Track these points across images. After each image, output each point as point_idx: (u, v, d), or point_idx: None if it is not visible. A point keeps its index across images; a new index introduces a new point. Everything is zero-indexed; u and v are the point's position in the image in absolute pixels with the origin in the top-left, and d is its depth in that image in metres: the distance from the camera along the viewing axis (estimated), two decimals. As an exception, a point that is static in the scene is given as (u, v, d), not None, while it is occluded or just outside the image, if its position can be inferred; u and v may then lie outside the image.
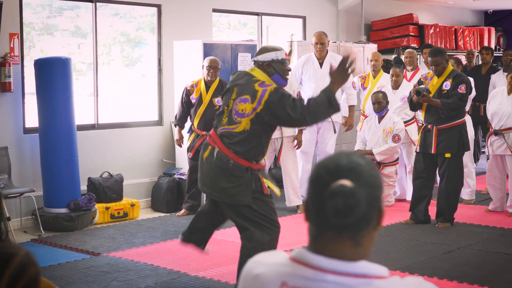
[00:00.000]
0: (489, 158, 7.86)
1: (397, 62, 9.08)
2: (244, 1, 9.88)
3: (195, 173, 6.45)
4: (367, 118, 8.39)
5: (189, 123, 7.82)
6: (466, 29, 13.33)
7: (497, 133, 7.60)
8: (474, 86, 8.70)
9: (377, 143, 8.14)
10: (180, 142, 7.87)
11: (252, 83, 4.62)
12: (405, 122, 8.29)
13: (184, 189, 7.98)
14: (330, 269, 1.52)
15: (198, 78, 7.75)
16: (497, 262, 5.90)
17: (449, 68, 7.08)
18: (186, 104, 7.75)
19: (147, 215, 7.93)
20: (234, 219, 4.80)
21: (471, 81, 8.13)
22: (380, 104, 8.04)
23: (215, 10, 9.53)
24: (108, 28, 8.72)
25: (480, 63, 10.90)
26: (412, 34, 11.90)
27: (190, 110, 7.75)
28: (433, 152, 7.05)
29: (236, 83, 4.70)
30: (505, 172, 7.82)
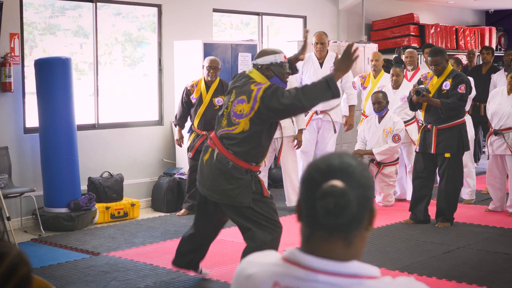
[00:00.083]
0: (489, 158, 7.86)
1: (398, 62, 9.08)
2: (245, 1, 9.88)
3: (195, 173, 6.46)
4: (367, 118, 8.39)
5: (189, 123, 7.83)
6: (467, 29, 13.31)
7: (497, 133, 7.59)
8: (475, 86, 8.70)
9: (377, 143, 8.13)
10: (180, 142, 7.87)
11: (249, 84, 4.66)
12: (406, 122, 8.29)
13: (184, 189, 7.98)
14: (322, 269, 1.52)
15: (198, 78, 7.75)
16: (497, 262, 5.89)
17: (449, 68, 7.08)
18: (186, 104, 7.75)
19: (147, 215, 7.94)
20: (236, 220, 4.81)
21: (471, 81, 8.14)
22: (380, 104, 8.04)
23: (216, 10, 9.53)
24: (111, 28, 8.72)
25: (481, 63, 10.90)
26: (413, 34, 11.89)
27: (190, 110, 7.75)
28: (433, 152, 7.05)
29: (235, 86, 4.75)
30: (505, 172, 7.81)
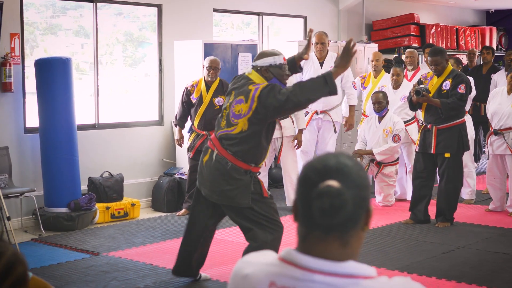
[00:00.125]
0: (489, 158, 7.85)
1: (398, 62, 9.08)
2: (245, 1, 9.88)
3: (196, 173, 6.46)
4: (367, 118, 8.39)
5: (190, 123, 7.83)
6: (468, 29, 13.31)
7: (497, 133, 7.59)
8: (475, 86, 8.70)
9: (377, 143, 8.13)
10: (181, 142, 7.88)
11: (247, 85, 4.69)
12: (406, 122, 8.29)
13: (185, 189, 7.99)
14: (318, 269, 1.53)
15: (199, 78, 7.75)
16: (496, 262, 5.89)
17: (449, 68, 7.08)
18: (187, 104, 7.75)
19: (148, 215, 7.94)
20: (236, 221, 4.83)
21: (471, 81, 8.14)
22: (380, 104, 8.04)
23: (216, 10, 9.53)
24: (112, 28, 8.72)
25: (481, 63, 10.89)
26: (413, 34, 11.89)
27: (191, 110, 7.75)
28: (433, 152, 7.05)
29: (234, 87, 4.79)
30: (505, 172, 7.81)
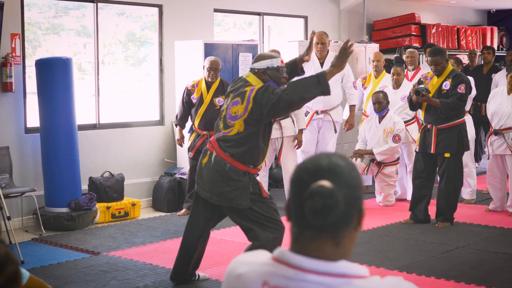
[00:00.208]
0: (489, 158, 7.85)
1: (398, 61, 9.08)
2: (245, 1, 9.88)
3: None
4: (368, 118, 8.39)
5: (190, 123, 7.84)
6: (469, 29, 13.30)
7: (497, 133, 7.59)
8: (476, 86, 8.70)
9: (378, 143, 8.14)
10: (181, 142, 7.89)
11: (244, 87, 4.74)
12: (406, 122, 8.30)
13: (185, 189, 8.00)
14: (311, 269, 1.53)
15: (199, 78, 7.76)
16: (496, 262, 5.89)
17: (449, 68, 7.08)
18: (187, 104, 7.76)
19: (148, 215, 7.96)
20: (237, 222, 4.86)
21: (471, 81, 8.14)
22: (381, 104, 8.05)
23: (216, 10, 9.54)
24: (114, 28, 8.73)
25: (482, 63, 10.89)
26: (414, 34, 11.89)
27: (191, 110, 7.76)
28: (433, 152, 7.06)
29: (232, 89, 4.84)
30: (505, 172, 7.81)
